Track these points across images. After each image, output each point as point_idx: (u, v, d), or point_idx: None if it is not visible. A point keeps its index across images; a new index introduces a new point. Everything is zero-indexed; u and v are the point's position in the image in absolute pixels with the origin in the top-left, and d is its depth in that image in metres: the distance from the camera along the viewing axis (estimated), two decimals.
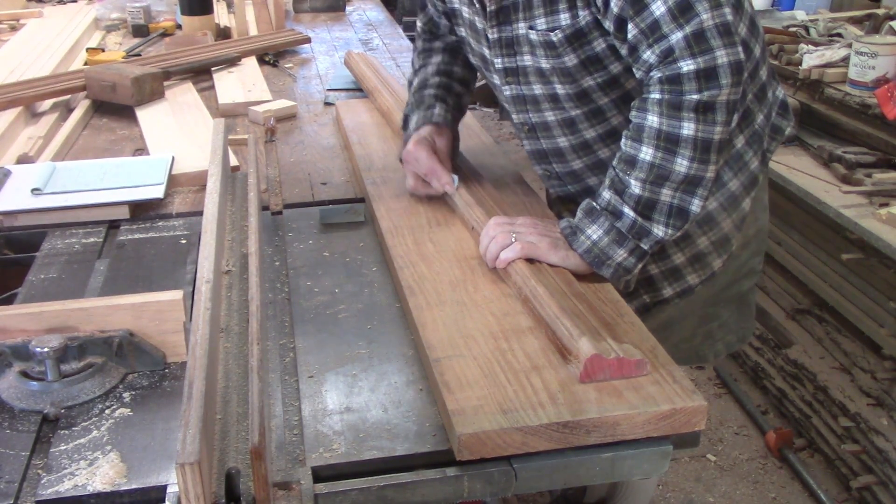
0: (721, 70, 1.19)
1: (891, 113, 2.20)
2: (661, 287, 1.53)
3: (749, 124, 1.45)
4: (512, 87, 1.47)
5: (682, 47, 1.18)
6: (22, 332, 1.10)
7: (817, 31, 2.80)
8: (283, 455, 0.98)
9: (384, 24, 3.38)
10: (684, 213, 1.26)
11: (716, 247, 1.50)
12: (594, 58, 1.34)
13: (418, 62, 1.70)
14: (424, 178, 1.52)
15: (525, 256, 1.27)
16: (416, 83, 1.66)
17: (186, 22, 2.94)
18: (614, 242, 1.26)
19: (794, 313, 2.62)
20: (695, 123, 1.20)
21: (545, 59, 1.37)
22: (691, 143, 1.21)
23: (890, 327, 2.18)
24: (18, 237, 1.52)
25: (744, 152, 1.46)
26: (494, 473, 0.97)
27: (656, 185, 1.24)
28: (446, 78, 1.65)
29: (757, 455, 2.56)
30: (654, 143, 1.23)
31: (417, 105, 1.61)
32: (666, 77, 1.20)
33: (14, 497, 0.91)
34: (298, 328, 1.23)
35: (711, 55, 1.18)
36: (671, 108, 1.21)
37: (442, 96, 1.62)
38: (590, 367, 1.03)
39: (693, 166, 1.22)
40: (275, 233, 1.52)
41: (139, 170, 1.69)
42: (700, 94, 1.19)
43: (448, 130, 1.59)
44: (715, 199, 1.46)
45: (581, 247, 1.27)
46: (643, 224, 1.25)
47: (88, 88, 2.21)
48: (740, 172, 1.46)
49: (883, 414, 2.19)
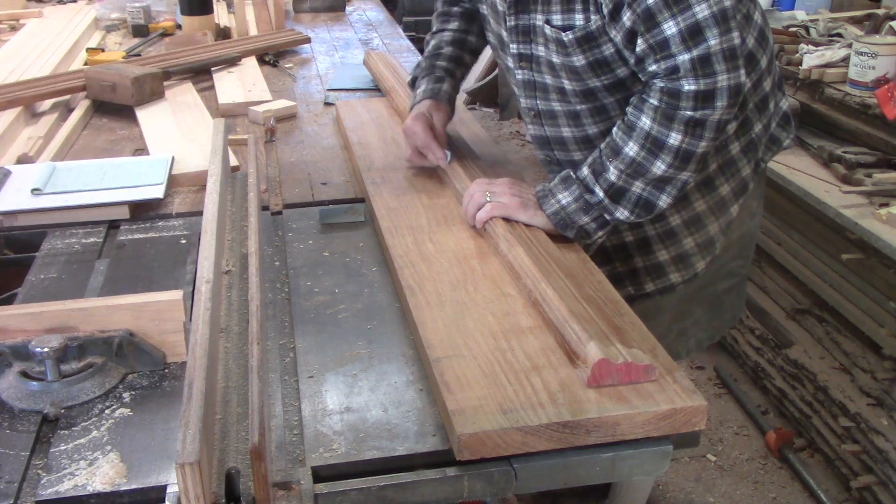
0: (719, 93, 1.25)
1: (891, 113, 2.20)
2: (643, 282, 1.60)
3: (746, 132, 1.50)
4: (524, 71, 1.52)
5: (688, 69, 1.24)
6: (22, 332, 1.10)
7: (817, 31, 2.80)
8: (283, 455, 0.98)
9: (384, 24, 3.38)
10: (651, 205, 1.35)
11: (700, 249, 1.56)
12: (602, 61, 1.38)
13: (436, 24, 1.76)
14: (421, 151, 1.62)
15: (496, 216, 1.38)
16: (431, 46, 1.73)
17: (186, 22, 2.94)
18: (581, 210, 1.36)
19: (794, 313, 2.62)
20: (682, 136, 1.28)
21: (556, 55, 1.42)
22: (674, 152, 1.29)
23: (890, 327, 2.18)
24: (18, 237, 1.52)
25: (738, 159, 1.51)
26: (494, 473, 0.97)
27: (631, 178, 1.32)
28: (458, 49, 1.72)
29: (757, 455, 2.56)
30: (640, 143, 1.31)
31: (428, 72, 1.70)
32: (667, 89, 1.26)
33: (14, 497, 0.91)
34: (298, 328, 1.23)
35: (713, 79, 1.24)
36: (664, 118, 1.28)
37: (451, 70, 1.70)
38: (597, 372, 1.03)
39: (670, 171, 1.31)
40: (275, 233, 1.52)
41: (139, 170, 1.69)
42: (695, 112, 1.26)
43: (447, 107, 1.68)
44: (704, 203, 1.52)
45: (550, 209, 1.37)
46: (608, 205, 1.35)
47: (88, 88, 2.21)
48: (732, 179, 1.52)
49: (883, 414, 2.19)
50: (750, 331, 2.82)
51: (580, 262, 1.34)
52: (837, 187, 2.26)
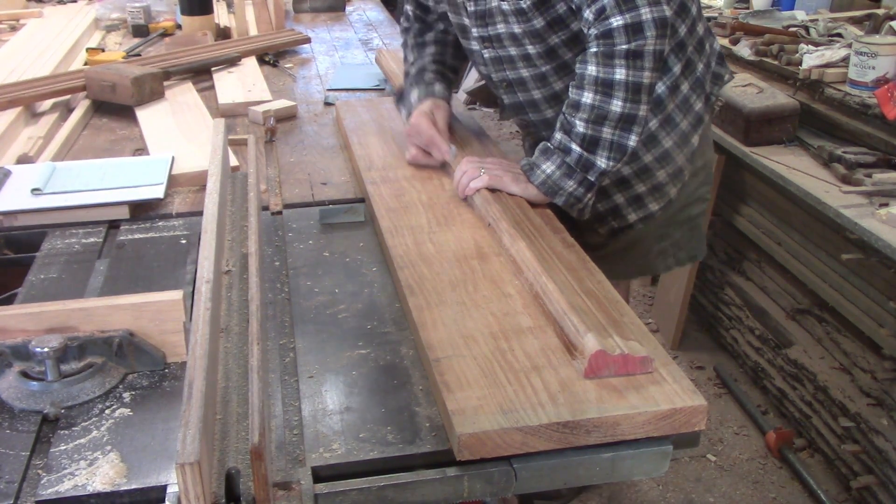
0: (646, 24, 1.42)
1: (891, 113, 2.20)
2: (626, 214, 1.78)
3: (692, 72, 1.68)
4: (490, 50, 1.69)
5: (612, 6, 1.42)
6: (22, 332, 1.10)
7: (817, 31, 2.80)
8: (283, 455, 0.98)
9: (384, 24, 3.38)
10: (622, 147, 1.49)
11: (671, 178, 1.75)
12: (558, 19, 1.56)
13: (412, 55, 1.89)
14: (425, 149, 1.70)
15: (490, 186, 1.50)
16: (416, 69, 1.86)
17: (186, 22, 2.94)
18: (564, 175, 1.50)
19: (794, 313, 2.62)
20: (625, 69, 1.44)
21: (517, 25, 1.59)
22: (623, 86, 1.45)
23: (890, 327, 2.17)
24: (18, 237, 1.52)
25: (689, 96, 1.69)
26: (494, 473, 0.97)
27: (597, 125, 1.47)
28: (441, 66, 1.87)
29: (757, 455, 2.56)
30: (592, 88, 1.46)
31: (418, 83, 1.82)
32: (600, 32, 1.44)
33: (14, 497, 0.91)
34: (298, 328, 1.23)
35: (637, 12, 1.41)
36: (605, 58, 1.44)
37: (441, 73, 1.85)
38: (594, 363, 1.03)
39: (627, 106, 1.46)
40: (275, 233, 1.52)
41: (139, 170, 1.69)
42: (628, 44, 1.42)
43: (447, 105, 1.81)
44: (669, 139, 1.70)
45: (537, 179, 1.51)
46: (588, 157, 1.49)
47: (88, 88, 2.21)
48: (688, 114, 1.70)
49: (883, 414, 2.18)
50: (750, 331, 2.82)
51: (580, 261, 1.34)
52: (837, 187, 2.25)
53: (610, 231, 1.81)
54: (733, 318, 2.94)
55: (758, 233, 2.73)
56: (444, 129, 1.73)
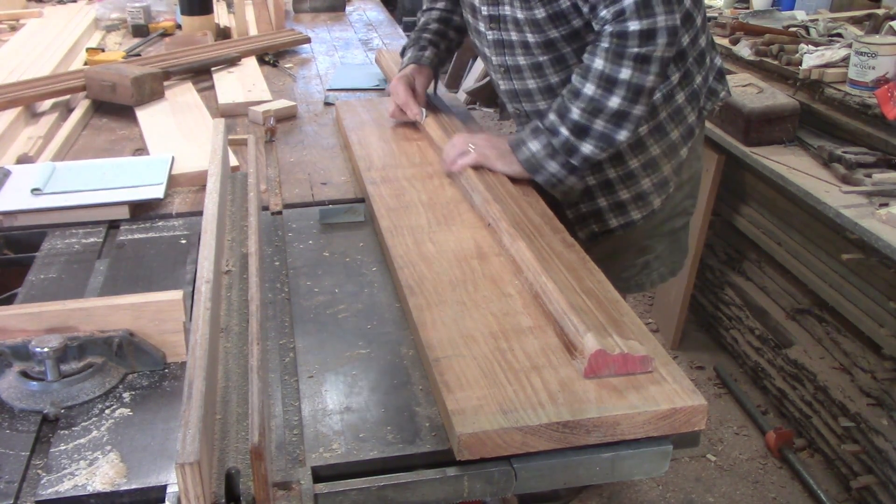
0: (660, 32, 1.46)
1: (891, 113, 2.20)
2: (607, 219, 1.81)
3: (689, 83, 1.71)
4: (494, 32, 1.73)
5: (633, 10, 1.45)
6: (22, 332, 1.10)
7: (817, 31, 2.80)
8: (282, 455, 0.98)
9: (384, 24, 3.39)
10: (611, 139, 1.53)
11: (656, 187, 1.78)
12: (560, 13, 1.59)
13: (427, 3, 2.04)
14: (401, 108, 1.86)
15: (477, 163, 1.57)
16: (421, 23, 2.00)
17: (186, 22, 2.94)
18: (548, 156, 1.56)
19: (794, 313, 2.62)
20: (632, 70, 1.48)
21: (520, 10, 1.63)
22: (626, 85, 1.49)
23: (890, 327, 2.17)
24: (18, 237, 1.52)
25: (683, 107, 1.72)
26: (494, 473, 0.97)
27: (592, 115, 1.52)
28: (444, 25, 1.98)
29: (757, 455, 2.56)
30: (595, 82, 1.51)
31: (414, 44, 1.97)
32: (616, 32, 1.47)
33: (14, 497, 0.91)
34: (298, 328, 1.23)
35: (654, 19, 1.45)
36: (615, 56, 1.48)
37: (436, 41, 1.97)
38: (594, 363, 1.03)
39: (624, 104, 1.50)
40: (275, 233, 1.52)
41: (139, 170, 1.69)
42: (640, 48, 1.47)
43: (429, 71, 1.95)
44: (658, 147, 1.73)
45: (522, 156, 1.58)
46: (574, 142, 1.54)
47: (88, 88, 2.21)
48: (680, 125, 1.73)
49: (883, 414, 2.18)
50: (750, 331, 2.82)
51: (580, 260, 1.34)
52: (837, 187, 2.26)
53: (590, 234, 1.84)
54: (733, 318, 2.94)
55: (758, 233, 2.73)
56: (421, 93, 1.90)
